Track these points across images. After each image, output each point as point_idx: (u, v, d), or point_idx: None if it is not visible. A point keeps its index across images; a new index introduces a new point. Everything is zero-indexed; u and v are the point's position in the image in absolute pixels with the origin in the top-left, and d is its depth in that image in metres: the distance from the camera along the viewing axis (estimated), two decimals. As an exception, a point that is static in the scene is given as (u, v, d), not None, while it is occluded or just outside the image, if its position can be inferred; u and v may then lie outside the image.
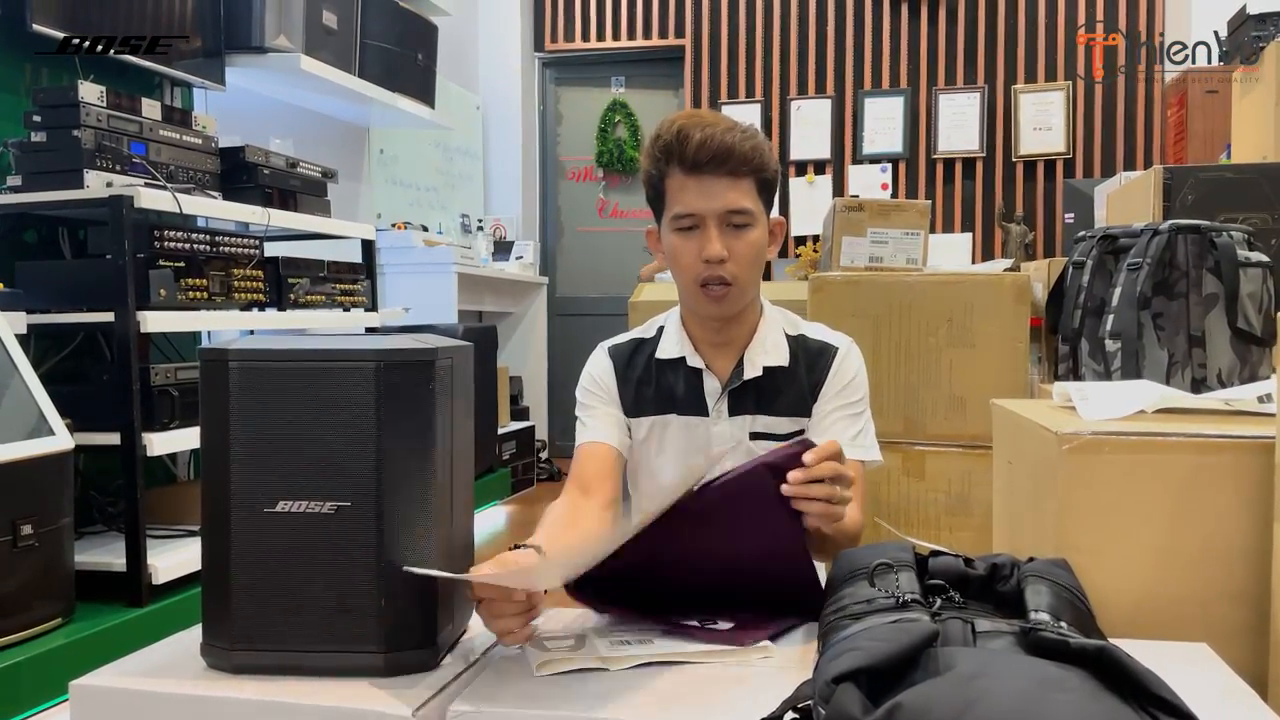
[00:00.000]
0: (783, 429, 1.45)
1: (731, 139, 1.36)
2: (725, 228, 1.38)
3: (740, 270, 1.39)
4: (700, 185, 1.37)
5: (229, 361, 0.98)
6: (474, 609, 1.11)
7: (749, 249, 1.39)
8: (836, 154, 5.29)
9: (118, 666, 1.02)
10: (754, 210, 1.39)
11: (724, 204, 1.37)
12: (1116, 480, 1.13)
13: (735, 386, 1.45)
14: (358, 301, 3.16)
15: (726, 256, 1.37)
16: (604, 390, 1.51)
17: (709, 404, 1.46)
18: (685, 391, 1.47)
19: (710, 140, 1.35)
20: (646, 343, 1.53)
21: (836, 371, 1.46)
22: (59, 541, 2.07)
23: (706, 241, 1.37)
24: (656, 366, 1.49)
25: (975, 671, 0.81)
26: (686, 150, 1.36)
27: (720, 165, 1.36)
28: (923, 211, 2.79)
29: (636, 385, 1.50)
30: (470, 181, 5.51)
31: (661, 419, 1.48)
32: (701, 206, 1.37)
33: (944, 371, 2.64)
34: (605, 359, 1.54)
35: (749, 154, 1.36)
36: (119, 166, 2.35)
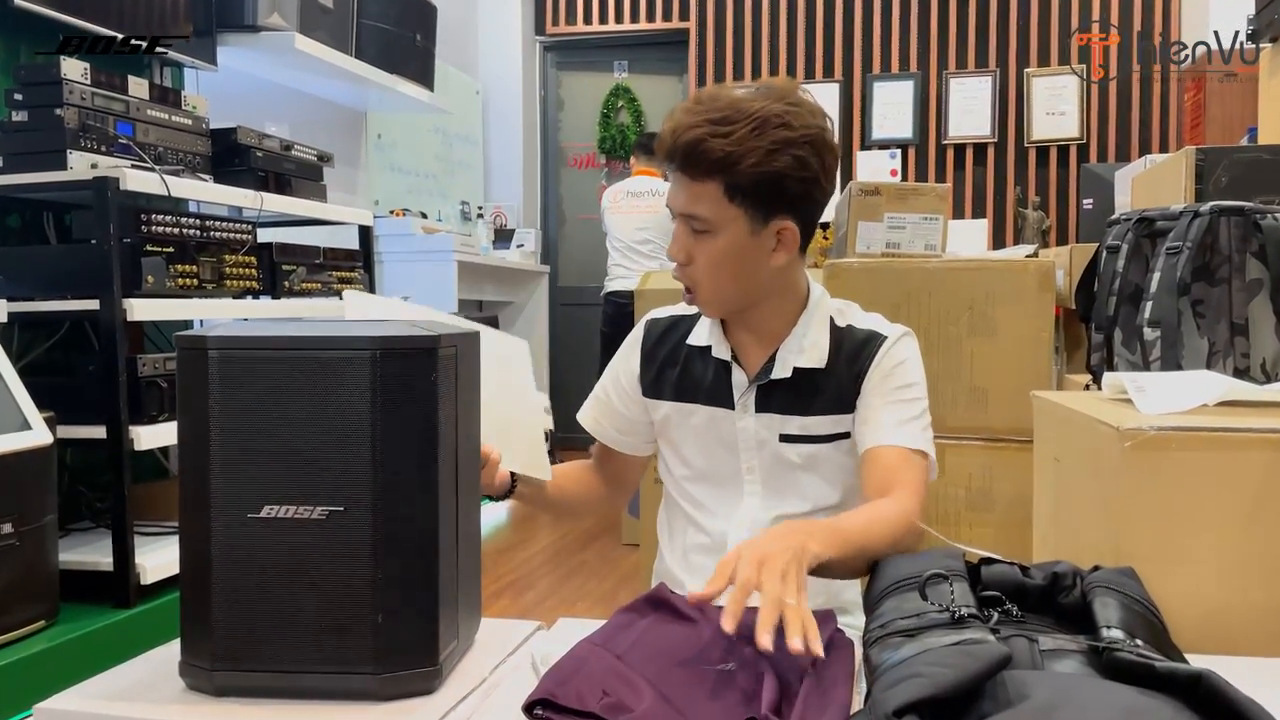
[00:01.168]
0: (822, 429, 1.33)
1: (694, 136, 1.20)
2: (687, 228, 1.27)
3: (701, 277, 1.28)
4: (673, 178, 1.28)
5: (208, 350, 0.88)
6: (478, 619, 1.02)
7: (706, 258, 1.27)
8: (845, 139, 5.18)
9: (87, 687, 0.92)
10: (711, 218, 1.23)
11: (679, 205, 1.26)
12: (1183, 480, 1.03)
13: (764, 383, 1.34)
14: (355, 289, 3.05)
15: (685, 261, 1.28)
16: (627, 365, 1.46)
17: (735, 397, 1.35)
18: (713, 381, 1.37)
19: (671, 135, 1.23)
20: (685, 321, 1.43)
21: (882, 359, 1.32)
22: (41, 540, 1.97)
23: (673, 239, 1.30)
24: (687, 351, 1.40)
25: (1053, 701, 0.72)
26: (657, 141, 1.29)
27: (683, 165, 1.24)
28: (942, 196, 2.69)
29: (660, 366, 1.42)
30: (470, 168, 5.40)
31: (683, 406, 1.39)
32: (671, 200, 1.29)
33: (965, 362, 2.54)
34: (641, 330, 1.47)
35: (705, 154, 1.20)
36: (104, 147, 2.24)
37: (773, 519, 1.33)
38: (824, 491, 1.34)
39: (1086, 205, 3.90)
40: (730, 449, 1.36)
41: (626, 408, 1.45)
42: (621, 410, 1.45)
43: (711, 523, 1.37)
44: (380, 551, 0.87)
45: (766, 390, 1.34)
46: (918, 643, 0.82)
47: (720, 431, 1.36)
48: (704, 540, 1.37)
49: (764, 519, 1.33)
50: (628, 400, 1.45)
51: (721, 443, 1.36)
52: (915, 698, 0.70)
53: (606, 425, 1.47)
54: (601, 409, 1.48)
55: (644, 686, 0.87)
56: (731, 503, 1.36)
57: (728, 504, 1.36)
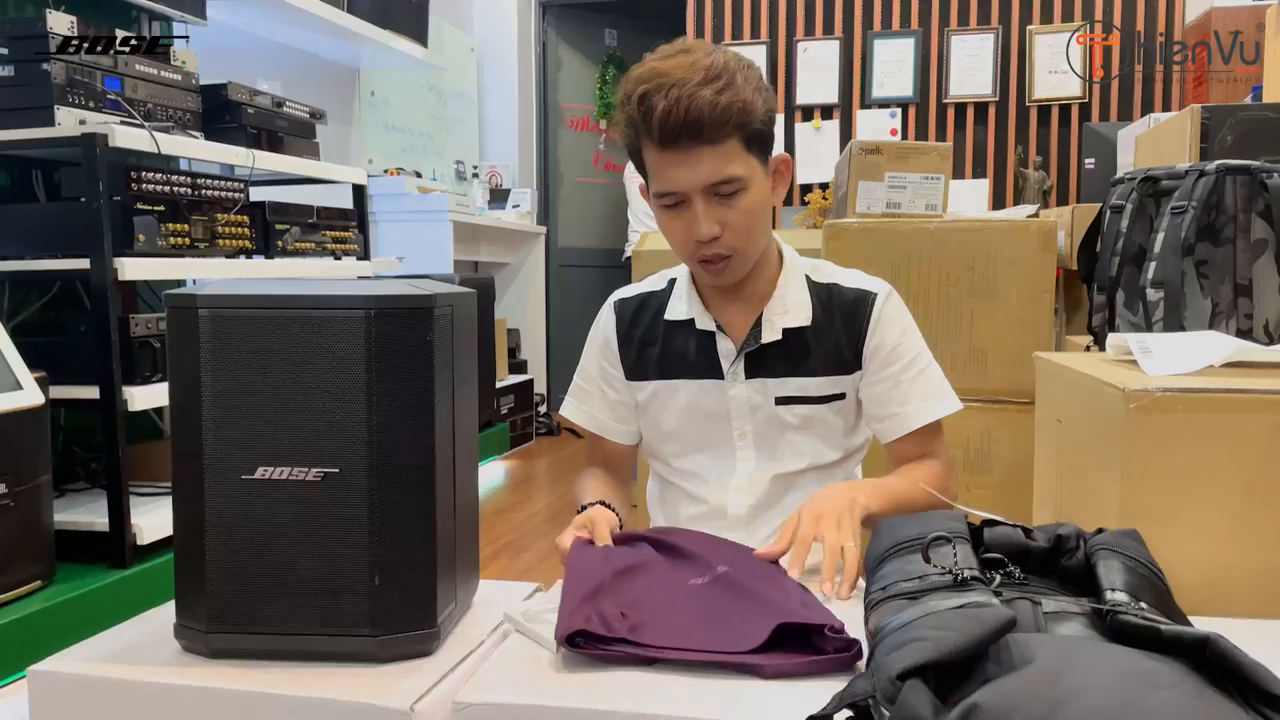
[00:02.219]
0: (818, 390, 1.32)
1: (704, 99, 1.15)
2: (712, 199, 1.21)
3: (738, 240, 1.24)
4: (677, 159, 1.19)
5: (198, 309, 0.86)
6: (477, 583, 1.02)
7: (744, 216, 1.23)
8: (844, 98, 5.12)
9: (81, 649, 0.91)
10: (743, 174, 1.21)
11: (706, 177, 1.19)
12: (1189, 442, 1.02)
13: (753, 349, 1.32)
14: (349, 249, 3.02)
15: (718, 233, 1.22)
16: (606, 359, 1.40)
17: (723, 367, 1.33)
18: (697, 354, 1.34)
19: (678, 108, 1.15)
20: (655, 297, 1.39)
21: (878, 323, 1.31)
22: (37, 500, 1.97)
23: (694, 220, 1.22)
24: (665, 328, 1.36)
25: (1058, 665, 0.71)
26: (652, 123, 1.18)
27: (695, 135, 1.17)
28: (944, 155, 2.65)
29: (640, 346, 1.37)
30: (465, 127, 5.33)
31: (668, 384, 1.35)
32: (682, 183, 1.20)
33: (964, 323, 2.52)
34: (610, 315, 1.41)
35: (725, 111, 1.16)
36: (92, 103, 2.20)
37: (771, 479, 1.33)
38: (819, 450, 1.34)
39: (1088, 165, 3.86)
40: (720, 419, 1.34)
41: (619, 394, 1.40)
42: (615, 399, 1.40)
43: (707, 491, 1.36)
44: (376, 513, 0.86)
45: (756, 355, 1.32)
46: (920, 606, 0.81)
47: (709, 403, 1.34)
48: (702, 509, 1.36)
49: (762, 480, 1.32)
50: (618, 387, 1.40)
51: (710, 414, 1.34)
52: (919, 661, 0.69)
53: (605, 418, 1.41)
54: (595, 402, 1.42)
55: (650, 601, 0.93)
56: (725, 469, 1.35)
57: (721, 471, 1.35)
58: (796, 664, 0.82)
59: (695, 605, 0.94)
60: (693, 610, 0.92)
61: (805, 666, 0.82)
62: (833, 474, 1.36)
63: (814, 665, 0.83)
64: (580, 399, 1.43)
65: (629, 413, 1.40)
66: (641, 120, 1.19)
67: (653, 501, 1.48)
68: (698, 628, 0.88)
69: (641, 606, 0.92)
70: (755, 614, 0.90)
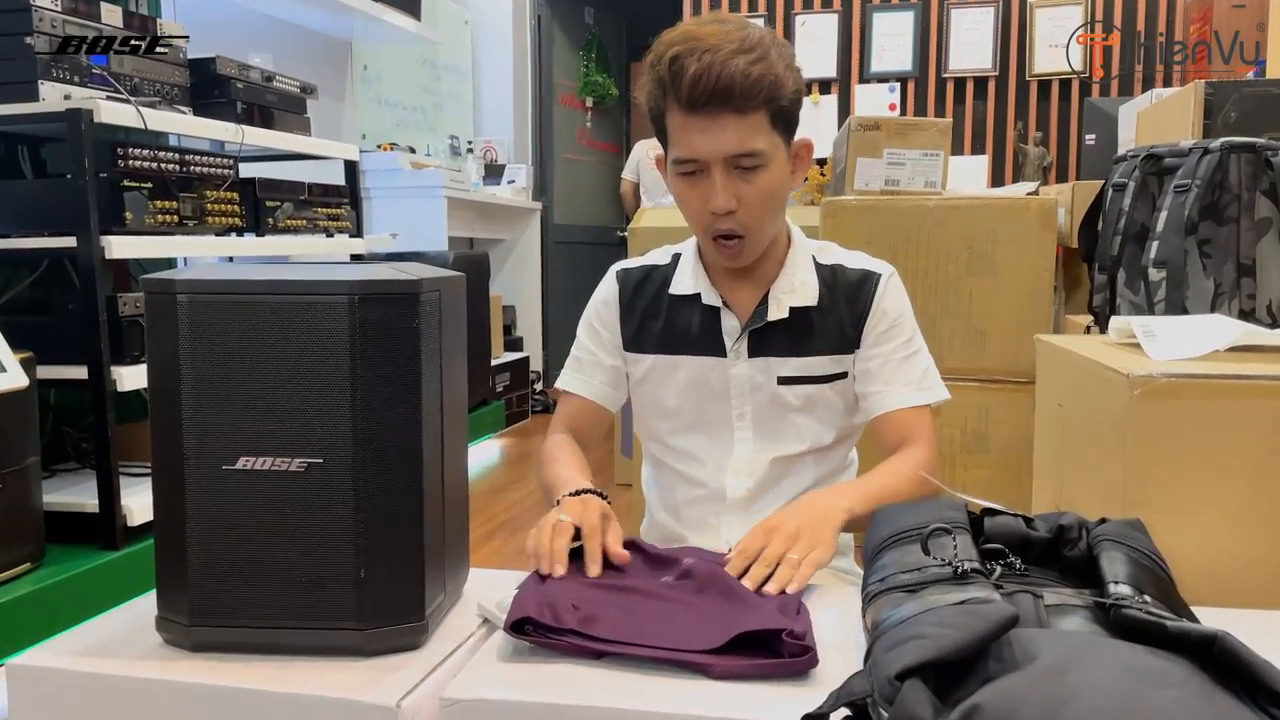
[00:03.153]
0: (822, 369, 1.30)
1: (736, 68, 1.13)
2: (732, 171, 1.19)
3: (752, 219, 1.22)
4: (701, 125, 1.17)
5: (176, 294, 0.83)
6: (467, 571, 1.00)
7: (761, 194, 1.21)
8: (843, 73, 5.07)
9: (62, 642, 0.89)
10: (765, 150, 1.18)
11: (729, 147, 1.17)
12: (1194, 429, 1.00)
13: (757, 327, 1.30)
14: (342, 227, 2.99)
15: (735, 207, 1.20)
16: (603, 324, 1.38)
17: (727, 344, 1.31)
18: (700, 329, 1.32)
19: (709, 73, 1.13)
20: (659, 270, 1.37)
21: (881, 302, 1.30)
22: (24, 482, 1.94)
23: (711, 191, 1.19)
24: (669, 301, 1.34)
25: (1062, 663, 0.69)
26: (682, 85, 1.15)
27: (723, 102, 1.15)
28: (944, 131, 2.62)
29: (641, 318, 1.36)
30: (459, 101, 5.28)
31: (668, 359, 1.34)
32: (704, 150, 1.18)
33: (963, 301, 2.50)
34: (613, 284, 1.39)
35: (757, 83, 1.14)
36: (77, 78, 2.16)
37: (769, 462, 1.31)
38: (818, 432, 1.32)
39: (1089, 140, 3.82)
40: (720, 397, 1.32)
41: (613, 359, 1.38)
42: (609, 363, 1.38)
43: (703, 473, 1.34)
44: (362, 504, 0.84)
45: (760, 334, 1.30)
46: (920, 600, 0.80)
47: (709, 380, 1.32)
48: (699, 493, 1.34)
49: (760, 462, 1.30)
50: (614, 353, 1.38)
51: (710, 391, 1.32)
52: (919, 660, 0.67)
53: (597, 382, 1.38)
54: (588, 368, 1.39)
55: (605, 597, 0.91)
56: (723, 451, 1.33)
57: (719, 453, 1.33)
58: (745, 666, 0.81)
59: (655, 602, 0.92)
60: (651, 607, 0.91)
61: (754, 669, 0.81)
62: (830, 456, 1.34)
63: (763, 669, 0.81)
64: (577, 369, 1.40)
65: (616, 377, 1.39)
66: (671, 81, 1.16)
67: (648, 485, 1.46)
68: (653, 625, 0.87)
69: (596, 600, 0.90)
70: (716, 615, 0.88)
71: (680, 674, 0.81)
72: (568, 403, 1.40)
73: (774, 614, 0.88)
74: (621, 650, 0.83)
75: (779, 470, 1.31)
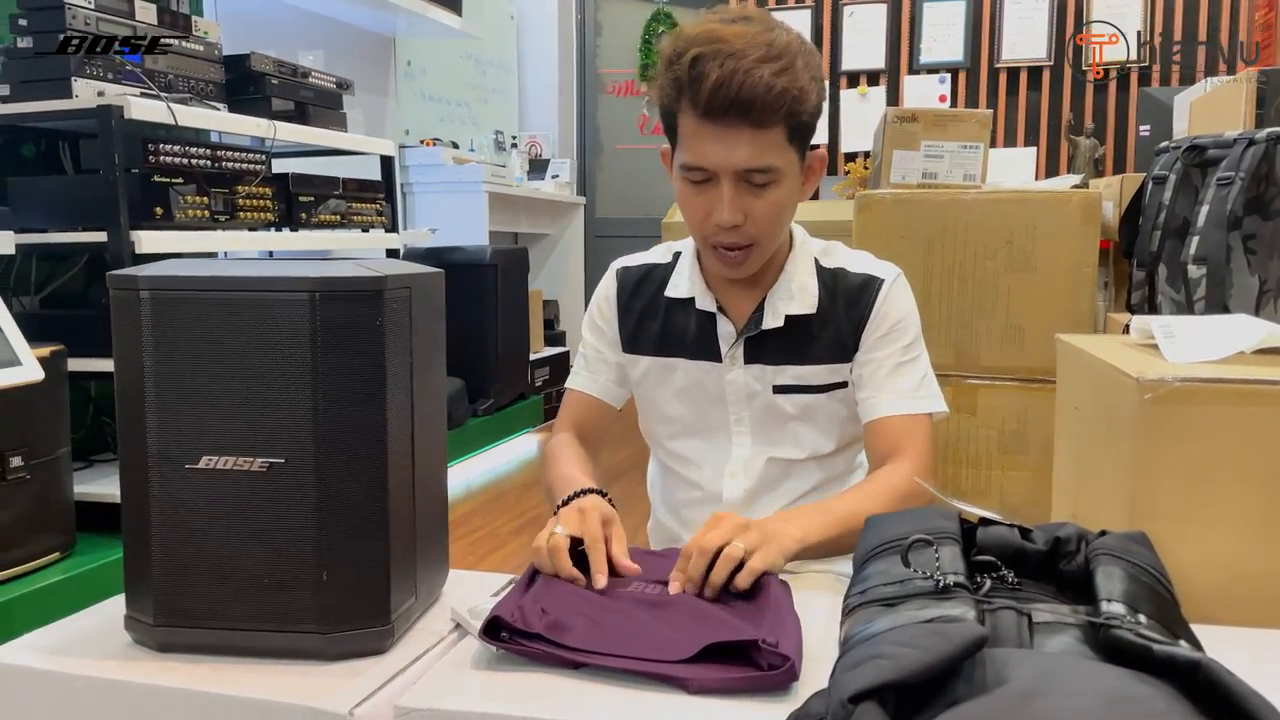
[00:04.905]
0: (819, 379, 1.26)
1: (760, 78, 1.07)
2: (742, 184, 1.14)
3: (760, 231, 1.17)
4: (716, 134, 1.11)
5: (139, 290, 0.82)
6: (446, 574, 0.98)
7: (770, 209, 1.15)
8: (892, 63, 4.97)
9: (33, 638, 0.89)
10: (780, 165, 1.13)
11: (742, 160, 1.11)
12: (1208, 437, 0.94)
13: (753, 334, 1.25)
14: (377, 222, 3.00)
15: (741, 221, 1.15)
16: (604, 320, 1.35)
17: (722, 350, 1.27)
18: (696, 333, 1.28)
19: (731, 81, 1.07)
20: (658, 270, 1.33)
21: (882, 307, 1.24)
22: (55, 473, 1.98)
23: (718, 202, 1.14)
24: (666, 303, 1.30)
25: (1033, 687, 0.65)
26: (700, 91, 1.09)
27: (742, 114, 1.09)
28: (983, 122, 2.54)
29: (638, 318, 1.32)
30: (504, 96, 5.29)
31: (665, 361, 1.30)
32: (715, 161, 1.12)
33: (1001, 298, 2.42)
34: (612, 282, 1.36)
35: (780, 97, 1.08)
36: (111, 75, 2.19)
37: (766, 461, 1.27)
38: (818, 441, 1.28)
39: (1143, 132, 3.69)
40: (717, 402, 1.28)
41: (618, 356, 1.35)
42: (614, 359, 1.35)
43: (700, 475, 1.31)
44: (324, 505, 0.82)
45: (756, 341, 1.25)
46: (894, 614, 0.76)
47: (706, 385, 1.28)
48: (696, 494, 1.31)
49: (757, 465, 1.27)
50: (618, 350, 1.35)
51: (707, 396, 1.28)
52: (875, 683, 0.63)
53: (603, 379, 1.36)
54: (595, 365, 1.36)
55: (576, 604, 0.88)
56: (720, 454, 1.29)
57: (716, 456, 1.30)
58: (723, 680, 0.77)
59: (627, 608, 0.89)
60: (623, 615, 0.88)
61: (733, 683, 0.77)
62: (833, 462, 1.30)
63: (742, 682, 0.77)
64: (584, 367, 1.37)
65: (621, 375, 1.36)
66: (690, 84, 1.10)
67: (653, 484, 1.44)
68: (624, 633, 0.84)
69: (563, 604, 0.88)
70: (689, 623, 0.85)
71: (655, 688, 0.78)
72: (573, 400, 1.37)
73: (746, 624, 0.85)
74: (599, 661, 0.80)
75: (778, 471, 1.27)
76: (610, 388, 1.36)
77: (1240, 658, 0.69)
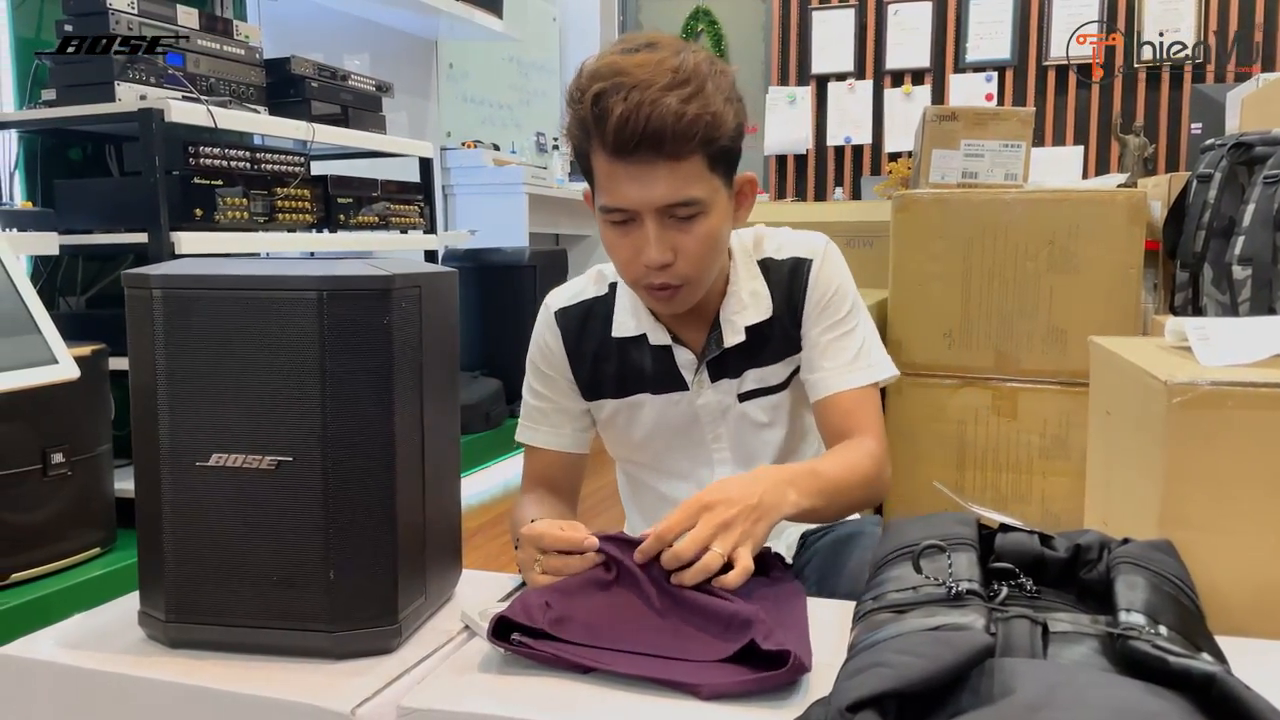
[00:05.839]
0: (776, 377, 1.23)
1: (668, 108, 1.00)
2: (667, 221, 1.08)
3: (691, 268, 1.11)
4: (631, 173, 1.05)
5: (152, 289, 0.83)
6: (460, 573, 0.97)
7: (700, 243, 1.09)
8: (937, 62, 4.90)
9: (50, 632, 0.91)
10: (703, 196, 1.07)
11: (662, 197, 1.05)
12: (1240, 443, 0.91)
13: (715, 356, 1.22)
14: (415, 223, 3.02)
15: (671, 260, 1.09)
16: (553, 369, 1.27)
17: (687, 378, 1.23)
18: (655, 368, 1.23)
19: (637, 115, 1.00)
20: (598, 305, 1.26)
21: (814, 289, 1.21)
22: (96, 470, 2.01)
23: (644, 242, 1.08)
24: (617, 344, 1.24)
25: (1040, 699, 0.63)
26: (606, 129, 1.03)
27: (655, 148, 1.02)
28: (1025, 120, 2.50)
29: (592, 362, 1.25)
30: (546, 98, 5.30)
31: (630, 400, 1.25)
32: (634, 200, 1.06)
33: (1043, 300, 2.37)
34: (554, 327, 1.27)
35: (692, 124, 1.02)
36: (153, 79, 2.23)
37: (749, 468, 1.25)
38: (791, 443, 1.27)
39: (1195, 130, 3.60)
40: (692, 423, 1.25)
41: (574, 402, 1.28)
42: (571, 406, 1.28)
43: (682, 489, 1.26)
44: (331, 504, 0.82)
45: (719, 359, 1.22)
46: (902, 622, 0.74)
47: (677, 414, 1.24)
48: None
49: None
50: (573, 396, 1.28)
51: (681, 423, 1.25)
52: (875, 691, 0.62)
53: (569, 430, 1.27)
54: (551, 416, 1.28)
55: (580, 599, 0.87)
56: (703, 471, 1.26)
57: (699, 474, 1.26)
58: (734, 684, 0.76)
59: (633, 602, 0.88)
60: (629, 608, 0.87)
61: (744, 685, 0.76)
62: (804, 452, 1.29)
63: (753, 684, 0.76)
64: (539, 420, 1.29)
65: (586, 420, 1.30)
66: (594, 123, 1.04)
67: (625, 496, 1.41)
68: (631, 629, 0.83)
69: (571, 597, 0.87)
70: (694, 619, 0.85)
71: (664, 694, 0.77)
72: (536, 458, 1.29)
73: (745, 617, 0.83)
74: (608, 665, 0.79)
75: None
76: (576, 436, 1.29)
77: (1271, 671, 0.67)
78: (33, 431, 1.86)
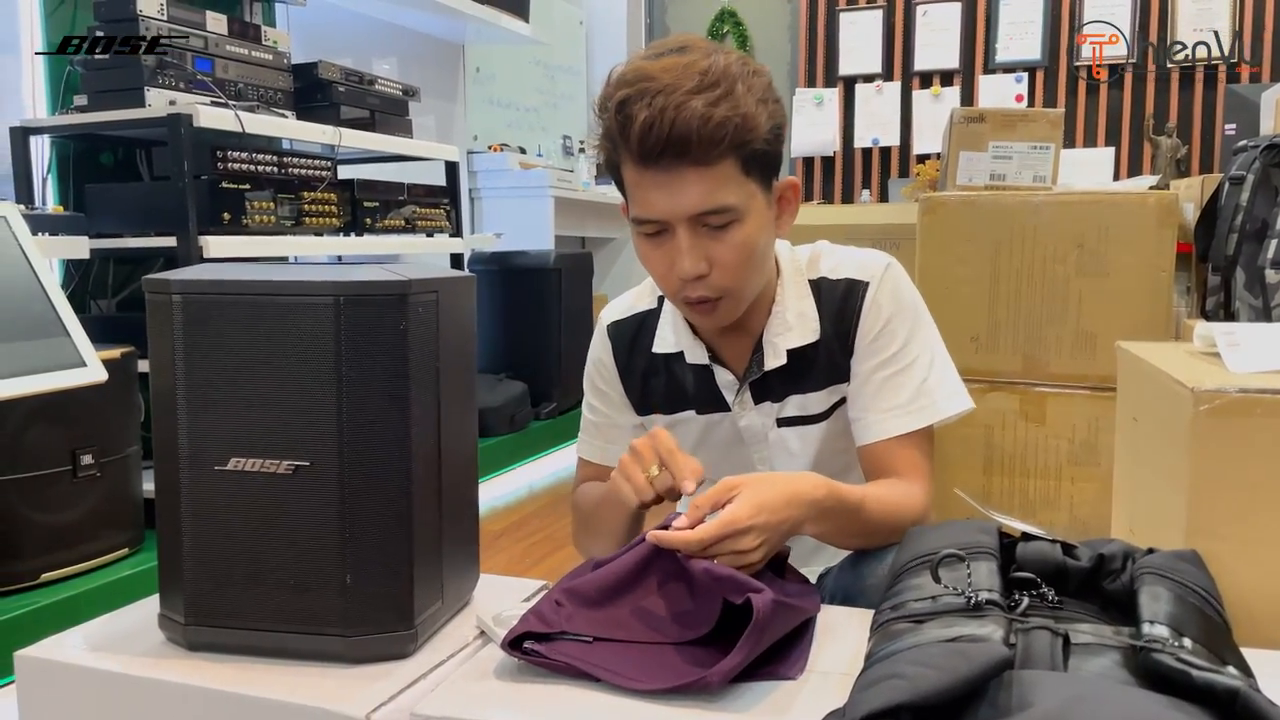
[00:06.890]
0: (818, 407, 1.18)
1: (693, 111, 0.97)
2: (700, 230, 1.04)
3: (728, 279, 1.07)
4: (658, 180, 1.01)
5: (172, 294, 0.84)
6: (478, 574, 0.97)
7: (737, 253, 1.05)
8: (966, 63, 4.86)
9: (72, 634, 0.92)
10: (737, 203, 1.03)
11: (692, 205, 1.02)
12: (1269, 451, 0.89)
13: (756, 378, 1.18)
14: (442, 227, 3.03)
15: (705, 271, 1.05)
16: (607, 384, 1.27)
17: (728, 399, 1.20)
18: (697, 387, 1.20)
19: (661, 120, 0.97)
20: (650, 319, 1.24)
21: (867, 316, 1.14)
22: (125, 471, 2.04)
23: (677, 253, 1.04)
24: (663, 359, 1.22)
25: (1058, 712, 0.62)
26: (631, 136, 1.00)
27: (681, 154, 0.99)
28: (1054, 122, 2.46)
29: (642, 378, 1.24)
30: (573, 101, 5.31)
31: (677, 416, 1.23)
32: (663, 209, 1.03)
33: (1072, 304, 2.34)
34: (606, 342, 1.26)
35: (720, 127, 0.98)
36: (182, 84, 2.25)
37: None
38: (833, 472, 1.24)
39: (1229, 131, 3.54)
40: (735, 444, 1.22)
41: (628, 418, 1.27)
42: (624, 422, 1.27)
43: None
44: (347, 508, 0.82)
45: (761, 380, 1.18)
46: (919, 633, 0.73)
47: (721, 434, 1.22)
48: None
49: None
50: (626, 410, 1.27)
51: (725, 444, 1.22)
52: (889, 704, 0.61)
53: (618, 446, 1.23)
54: (606, 432, 1.28)
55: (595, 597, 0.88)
56: None
57: None
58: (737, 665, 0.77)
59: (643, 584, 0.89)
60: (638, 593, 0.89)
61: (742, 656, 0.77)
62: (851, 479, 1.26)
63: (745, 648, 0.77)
64: (594, 435, 1.29)
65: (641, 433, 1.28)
66: (619, 131, 1.01)
67: None
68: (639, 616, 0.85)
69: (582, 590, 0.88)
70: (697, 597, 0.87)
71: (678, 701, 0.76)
72: (592, 471, 1.30)
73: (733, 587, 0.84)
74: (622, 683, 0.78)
75: None
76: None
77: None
78: (63, 433, 1.88)
